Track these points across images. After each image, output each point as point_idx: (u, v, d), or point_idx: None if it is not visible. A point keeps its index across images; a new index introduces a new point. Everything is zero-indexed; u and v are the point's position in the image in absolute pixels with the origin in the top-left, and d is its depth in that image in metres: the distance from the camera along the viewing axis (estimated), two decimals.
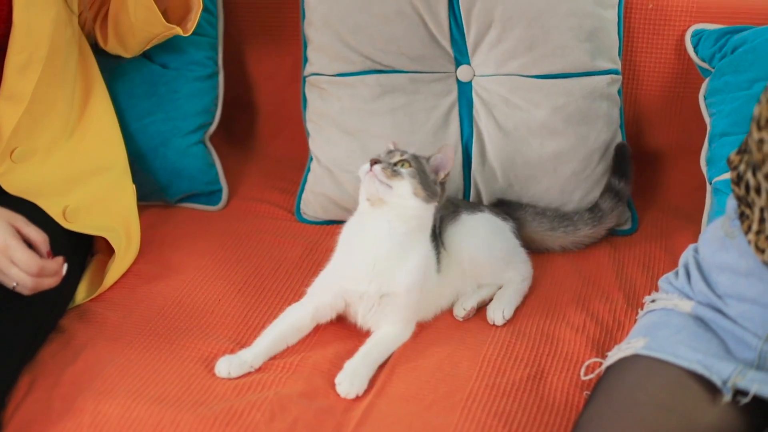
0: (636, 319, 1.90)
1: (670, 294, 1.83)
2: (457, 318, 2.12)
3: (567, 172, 2.39)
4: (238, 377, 1.94)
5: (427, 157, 2.06)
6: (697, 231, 2.27)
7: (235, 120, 2.81)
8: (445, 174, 2.06)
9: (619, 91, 2.42)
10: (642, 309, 1.90)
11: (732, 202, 1.71)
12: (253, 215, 2.55)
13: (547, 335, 2.06)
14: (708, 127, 2.32)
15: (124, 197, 2.35)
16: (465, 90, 2.42)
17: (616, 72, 2.41)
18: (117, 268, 2.25)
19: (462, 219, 2.18)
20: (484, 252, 2.18)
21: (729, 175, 1.66)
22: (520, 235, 2.27)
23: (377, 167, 1.96)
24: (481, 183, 2.41)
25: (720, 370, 1.62)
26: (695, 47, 2.38)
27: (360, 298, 2.03)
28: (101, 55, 2.42)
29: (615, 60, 2.41)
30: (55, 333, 2.09)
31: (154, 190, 2.56)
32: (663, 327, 1.76)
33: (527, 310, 2.16)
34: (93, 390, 1.89)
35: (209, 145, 2.65)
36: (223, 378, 1.94)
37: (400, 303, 2.02)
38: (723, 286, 1.72)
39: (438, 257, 2.10)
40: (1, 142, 2.09)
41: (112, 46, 2.38)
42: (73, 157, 2.23)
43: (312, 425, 1.82)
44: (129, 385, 1.90)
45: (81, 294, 2.18)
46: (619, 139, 2.43)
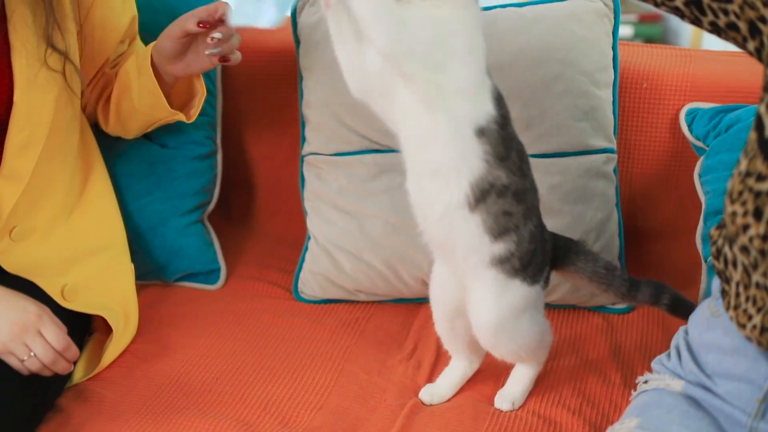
0: (630, 400, 1.90)
1: (662, 374, 1.84)
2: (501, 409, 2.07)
3: None
4: None
5: None
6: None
7: (233, 199, 2.83)
8: None
9: (614, 170, 2.44)
10: (635, 390, 1.90)
11: (716, 282, 1.73)
12: (251, 294, 2.55)
13: (544, 417, 2.05)
14: (703, 206, 2.33)
15: (123, 276, 2.36)
16: None
17: (611, 151, 2.43)
18: (115, 348, 2.25)
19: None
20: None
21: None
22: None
23: None
24: None
25: None
26: (690, 126, 2.39)
27: None
28: (101, 134, 2.43)
29: (610, 139, 2.43)
30: (52, 412, 2.08)
31: (153, 270, 2.56)
32: (655, 407, 1.76)
33: None
34: None
35: (207, 224, 2.66)
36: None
37: None
38: (711, 366, 1.73)
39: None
40: (0, 220, 2.10)
41: (114, 128, 2.40)
42: (71, 236, 2.24)
43: None
44: None
45: (79, 373, 2.18)
46: (615, 217, 2.43)
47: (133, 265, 2.41)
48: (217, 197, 2.68)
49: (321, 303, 2.53)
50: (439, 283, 2.05)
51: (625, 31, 5.06)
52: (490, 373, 2.16)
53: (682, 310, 2.07)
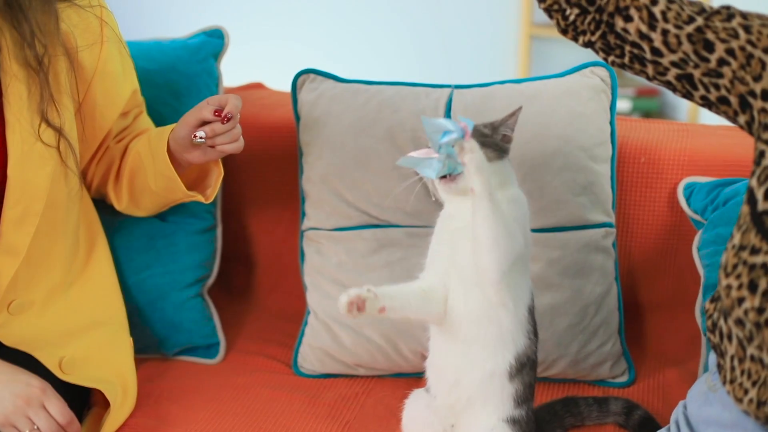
0: None
1: None
2: None
3: (563, 325, 2.39)
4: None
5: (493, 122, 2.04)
6: (694, 382, 2.27)
7: (233, 273, 2.83)
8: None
9: (613, 244, 2.44)
10: None
11: (713, 356, 1.73)
12: (250, 368, 2.54)
13: None
14: (702, 279, 2.33)
15: (121, 350, 2.35)
16: None
17: (610, 225, 2.43)
18: (113, 422, 2.23)
19: None
20: None
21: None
22: None
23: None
24: None
25: None
26: (687, 200, 2.40)
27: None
28: (101, 208, 2.44)
29: (609, 213, 2.44)
30: None
31: (152, 343, 2.56)
32: None
33: None
34: None
35: (207, 298, 2.66)
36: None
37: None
38: None
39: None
40: None
41: (127, 207, 2.40)
42: (70, 309, 2.24)
43: None
44: None
45: None
46: (614, 291, 2.44)
47: (132, 338, 2.41)
48: (217, 271, 2.68)
49: (320, 377, 2.52)
50: (413, 416, 2.06)
51: (622, 105, 5.09)
52: None
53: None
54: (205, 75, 2.64)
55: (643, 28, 1.65)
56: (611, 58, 1.72)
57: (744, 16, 1.59)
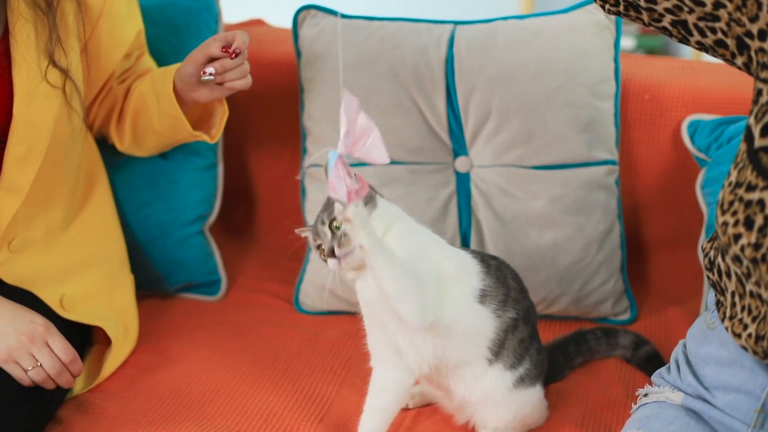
0: (630, 413, 1.90)
1: (662, 387, 1.84)
2: None
3: (566, 262, 2.39)
4: None
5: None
6: (695, 320, 2.28)
7: (234, 211, 2.82)
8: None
9: (616, 182, 2.43)
10: (635, 403, 1.90)
11: (711, 295, 1.74)
12: (251, 305, 2.55)
13: (547, 429, 2.05)
14: (705, 217, 2.33)
15: (122, 288, 2.35)
16: (463, 181, 2.44)
17: (613, 162, 2.43)
18: (115, 359, 2.24)
19: None
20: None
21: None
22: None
23: (336, 253, 1.84)
24: None
25: None
26: (691, 138, 2.39)
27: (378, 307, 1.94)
28: (102, 147, 2.43)
29: (612, 151, 2.43)
30: (52, 424, 2.08)
31: (153, 280, 2.56)
32: (656, 419, 1.77)
33: None
34: None
35: (208, 235, 2.66)
36: None
37: None
38: (709, 378, 1.74)
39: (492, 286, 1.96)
40: None
41: (129, 147, 2.38)
42: (71, 247, 2.24)
43: None
44: None
45: (79, 384, 2.17)
46: (617, 229, 2.43)
47: (133, 276, 2.41)
48: (219, 209, 2.68)
49: (322, 314, 2.52)
50: (377, 388, 1.98)
51: (626, 42, 5.06)
52: None
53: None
54: (205, 12, 2.62)
55: None
56: (607, 6, 1.71)
57: None
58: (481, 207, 2.42)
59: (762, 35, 1.53)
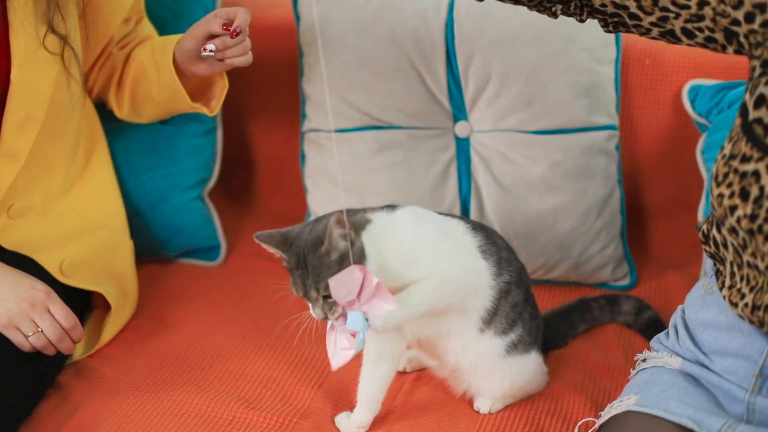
0: (629, 378, 1.90)
1: (661, 353, 1.85)
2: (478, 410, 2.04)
3: (565, 228, 2.39)
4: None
5: (323, 242, 1.80)
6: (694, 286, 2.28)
7: (233, 176, 2.82)
8: (348, 232, 1.79)
9: (616, 147, 2.43)
10: (634, 368, 1.90)
11: (709, 260, 1.75)
12: (251, 271, 2.55)
13: (546, 395, 2.06)
14: (705, 182, 2.33)
15: (122, 253, 2.35)
16: (463, 146, 2.43)
17: (613, 127, 2.42)
18: (114, 324, 2.25)
19: None
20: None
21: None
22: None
23: (330, 319, 1.83)
24: None
25: (710, 425, 1.64)
26: (692, 103, 2.38)
27: None
28: (101, 112, 2.42)
29: (612, 115, 2.42)
30: (52, 389, 2.09)
31: (152, 246, 2.56)
32: (654, 384, 1.78)
33: None
34: None
35: (208, 200, 2.65)
36: None
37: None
38: (707, 343, 1.75)
39: (486, 245, 1.94)
40: None
41: (128, 115, 2.37)
42: (70, 213, 2.23)
43: None
44: None
45: (79, 350, 2.17)
46: (617, 194, 2.43)
47: (132, 242, 2.41)
48: (218, 174, 2.67)
49: None
50: (372, 359, 1.97)
51: None
52: None
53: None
54: None
55: (617, 0, 1.71)
56: (603, 28, 1.79)
57: None
58: (480, 172, 2.42)
59: (749, 18, 1.56)
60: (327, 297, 1.78)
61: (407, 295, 1.81)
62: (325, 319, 1.80)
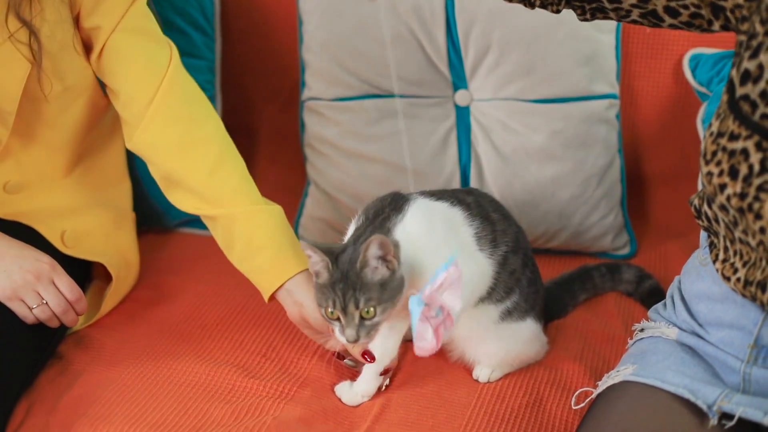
0: (626, 348, 1.91)
1: (658, 323, 1.85)
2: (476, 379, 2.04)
3: (565, 197, 2.39)
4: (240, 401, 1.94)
5: (362, 265, 1.78)
6: None
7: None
8: (393, 256, 1.77)
9: (617, 116, 2.42)
10: (632, 338, 1.91)
11: (704, 232, 1.75)
12: None
13: (546, 364, 2.06)
14: None
15: (124, 225, 2.34)
16: (463, 114, 2.43)
17: (614, 96, 2.41)
18: (115, 294, 2.25)
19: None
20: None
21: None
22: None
23: (360, 343, 1.81)
24: None
25: (706, 395, 1.64)
26: (693, 71, 2.38)
27: None
28: None
29: (613, 84, 2.41)
30: (53, 359, 2.09)
31: (153, 215, 2.55)
32: (651, 354, 1.78)
33: None
34: (90, 416, 1.89)
35: None
36: None
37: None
38: (702, 314, 1.75)
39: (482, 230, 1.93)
40: None
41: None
42: (75, 190, 2.21)
43: None
44: (126, 411, 1.90)
45: (79, 320, 2.17)
46: (617, 163, 2.43)
47: (134, 213, 2.40)
48: None
49: None
50: (381, 333, 1.93)
51: None
52: None
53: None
54: None
55: None
56: (579, 17, 1.77)
57: None
58: (480, 141, 2.41)
59: None
60: (364, 318, 1.77)
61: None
62: (355, 340, 1.78)
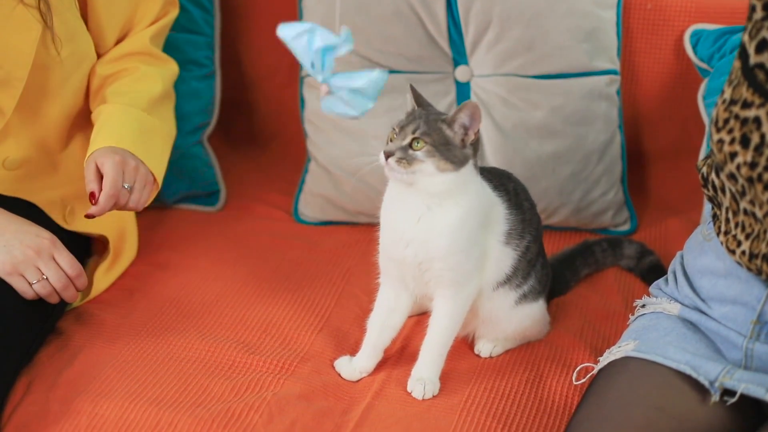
0: (628, 324, 1.91)
1: (660, 299, 1.85)
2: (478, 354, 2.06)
3: (566, 173, 2.39)
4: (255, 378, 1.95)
5: (447, 119, 1.83)
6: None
7: (233, 121, 2.81)
8: (475, 133, 1.83)
9: (617, 92, 2.42)
10: (633, 314, 1.91)
11: (708, 206, 1.75)
12: (251, 216, 2.55)
13: (546, 340, 2.07)
14: (706, 128, 2.32)
15: None
16: (463, 90, 2.42)
17: (614, 72, 2.41)
18: (114, 269, 2.25)
19: None
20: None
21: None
22: None
23: (392, 161, 1.81)
24: None
25: (708, 371, 1.64)
26: (694, 47, 2.37)
27: (402, 265, 1.91)
28: None
29: (613, 60, 2.41)
30: (52, 335, 2.09)
31: None
32: (653, 329, 1.78)
33: None
34: (90, 392, 1.89)
35: (207, 145, 2.64)
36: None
37: (439, 267, 1.88)
38: (705, 290, 1.75)
39: (515, 229, 1.95)
40: None
41: None
42: (73, 164, 2.20)
43: (310, 427, 1.81)
44: (126, 387, 1.90)
45: (79, 296, 2.17)
46: (617, 139, 2.42)
47: None
48: (217, 119, 2.66)
49: (321, 225, 2.53)
50: (387, 308, 1.98)
51: None
52: None
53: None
54: None
55: None
56: None
57: None
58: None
59: None
60: (411, 146, 1.82)
61: None
62: (390, 154, 1.82)
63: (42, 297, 1.99)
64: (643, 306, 1.89)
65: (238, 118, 2.83)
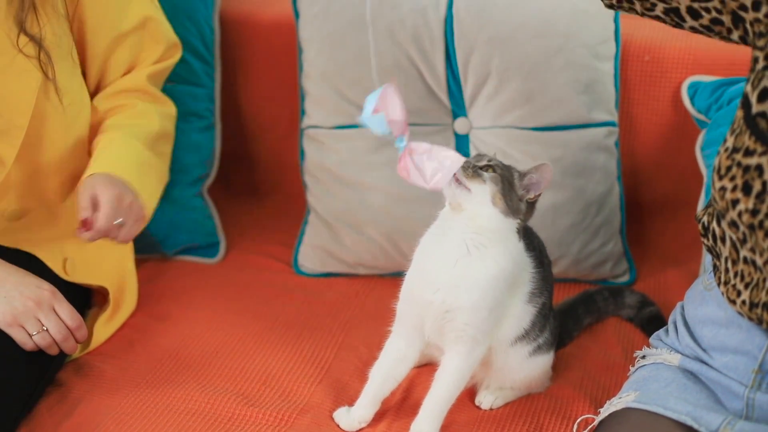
0: (628, 375, 1.91)
1: (660, 349, 1.85)
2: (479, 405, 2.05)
3: (565, 224, 2.39)
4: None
5: (522, 172, 1.89)
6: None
7: (233, 172, 2.82)
8: (537, 195, 1.88)
9: (616, 143, 2.43)
10: (633, 365, 1.91)
11: (708, 256, 1.75)
12: (251, 268, 2.55)
13: (546, 392, 2.06)
14: (704, 179, 2.32)
15: (122, 251, 2.34)
16: (462, 142, 2.43)
17: (613, 124, 2.42)
18: (114, 321, 2.24)
19: None
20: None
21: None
22: None
23: (459, 169, 1.83)
24: None
25: (709, 422, 1.64)
26: (691, 99, 2.38)
27: (427, 310, 1.90)
28: None
29: (612, 112, 2.42)
30: (52, 386, 2.08)
31: (152, 243, 2.56)
32: (653, 380, 1.78)
33: None
34: None
35: (207, 197, 2.65)
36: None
37: (463, 321, 1.87)
38: (706, 339, 1.75)
39: (537, 287, 1.96)
40: None
41: None
42: (71, 216, 2.20)
43: None
44: None
45: (78, 347, 2.17)
46: (616, 191, 2.43)
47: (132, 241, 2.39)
48: (217, 170, 2.67)
49: (321, 277, 2.53)
50: (395, 358, 1.97)
51: None
52: None
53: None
54: None
55: None
56: (605, 3, 1.78)
57: None
58: None
59: (756, 5, 1.54)
60: (481, 167, 1.86)
61: None
62: (462, 157, 1.81)
63: (42, 348, 1.99)
64: (643, 357, 1.89)
65: (238, 169, 2.84)
